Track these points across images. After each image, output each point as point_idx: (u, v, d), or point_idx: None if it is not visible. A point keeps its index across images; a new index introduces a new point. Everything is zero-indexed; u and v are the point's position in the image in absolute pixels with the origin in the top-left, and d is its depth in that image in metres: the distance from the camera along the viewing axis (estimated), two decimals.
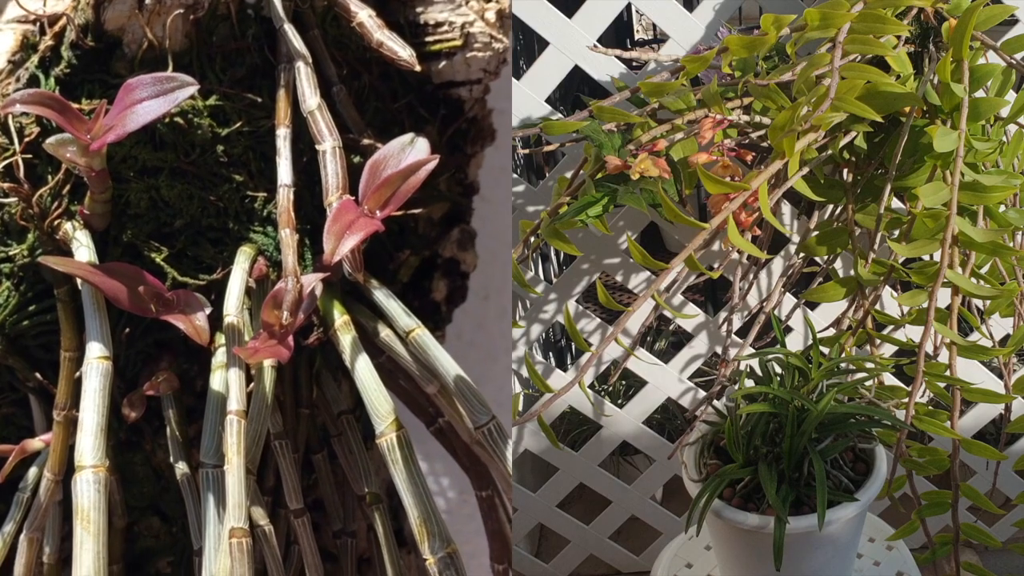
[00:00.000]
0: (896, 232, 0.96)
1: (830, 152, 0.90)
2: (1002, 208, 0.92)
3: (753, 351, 1.08)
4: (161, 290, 0.66)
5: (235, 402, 0.62)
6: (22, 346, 0.71)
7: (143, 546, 0.75)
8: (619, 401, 1.55)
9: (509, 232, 0.91)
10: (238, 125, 0.71)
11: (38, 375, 0.71)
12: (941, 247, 0.86)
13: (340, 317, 0.67)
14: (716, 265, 1.19)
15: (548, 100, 1.15)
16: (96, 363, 0.62)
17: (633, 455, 1.70)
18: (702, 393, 1.33)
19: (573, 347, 1.93)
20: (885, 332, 1.05)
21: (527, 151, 1.07)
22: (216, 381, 0.66)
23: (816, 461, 0.90)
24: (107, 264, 0.66)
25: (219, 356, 0.67)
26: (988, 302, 0.95)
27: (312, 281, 0.66)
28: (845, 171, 0.98)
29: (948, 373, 0.93)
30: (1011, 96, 0.91)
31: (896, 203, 0.98)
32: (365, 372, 0.64)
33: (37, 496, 0.68)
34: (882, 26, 0.82)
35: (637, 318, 1.14)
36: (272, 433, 0.68)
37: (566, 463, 1.43)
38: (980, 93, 0.88)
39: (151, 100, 0.64)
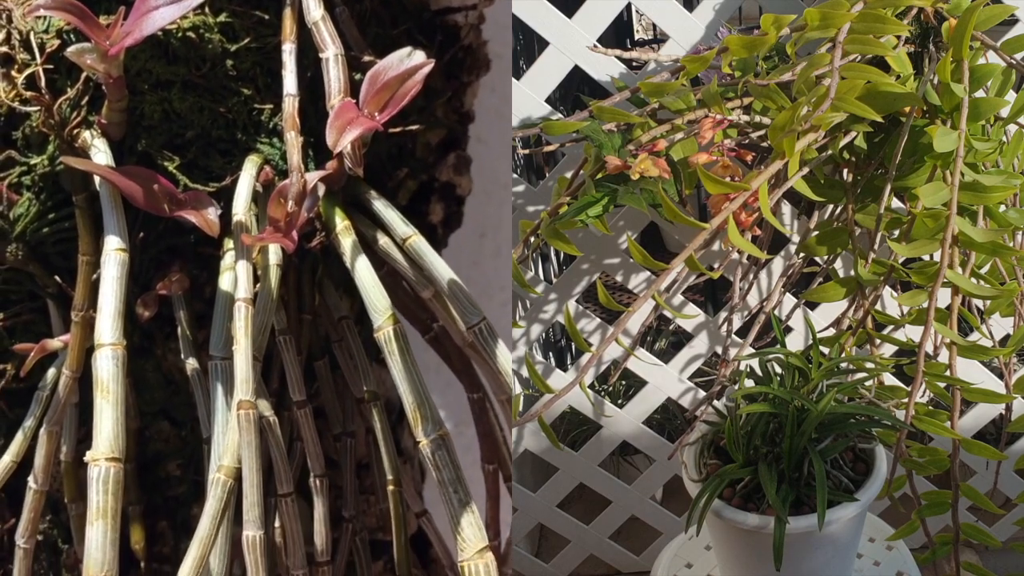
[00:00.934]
0: (896, 232, 0.96)
1: (830, 152, 0.90)
2: (1002, 208, 0.92)
3: (753, 351, 1.08)
4: (174, 191, 0.70)
5: (243, 291, 0.66)
6: (42, 253, 0.75)
7: (154, 449, 0.78)
8: (619, 401, 1.55)
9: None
10: (246, 41, 0.74)
11: (57, 279, 0.75)
12: (941, 247, 0.86)
13: (341, 222, 0.71)
14: (716, 265, 1.19)
15: (548, 100, 1.15)
16: (114, 254, 0.66)
17: (633, 455, 1.70)
18: (702, 393, 1.33)
19: (573, 347, 1.93)
20: (885, 332, 1.05)
21: (527, 151, 1.07)
22: (224, 282, 0.70)
23: (816, 461, 0.90)
24: (123, 167, 0.70)
25: (227, 259, 0.71)
26: (988, 302, 0.95)
27: (314, 178, 0.70)
28: (845, 171, 0.98)
29: (948, 373, 0.93)
30: (1011, 96, 0.90)
31: (896, 203, 0.98)
32: (364, 271, 0.68)
33: (56, 393, 0.73)
34: (882, 26, 0.82)
35: (637, 318, 1.14)
36: (276, 329, 0.72)
37: (566, 463, 1.43)
38: (980, 93, 0.88)
39: (166, 7, 0.68)
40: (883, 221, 0.91)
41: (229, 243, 0.71)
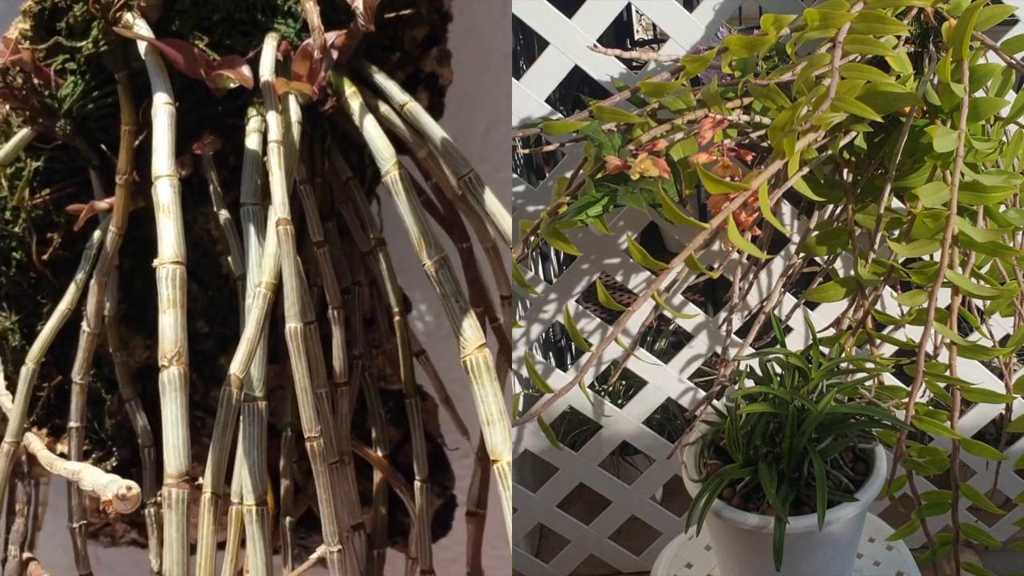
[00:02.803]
0: (896, 232, 0.96)
1: (830, 152, 0.90)
2: (1002, 208, 0.92)
3: (753, 351, 1.08)
4: (208, 58, 0.81)
5: (275, 134, 0.75)
6: (86, 128, 0.84)
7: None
8: (619, 401, 1.55)
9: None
10: None
11: (103, 147, 0.84)
12: (941, 247, 0.86)
13: (349, 88, 0.81)
14: (716, 265, 1.19)
15: (548, 100, 1.15)
16: (163, 107, 0.75)
17: (633, 455, 1.70)
18: (702, 393, 1.33)
19: (573, 347, 1.93)
20: (885, 332, 1.05)
21: (527, 151, 1.07)
22: (251, 142, 0.78)
23: (816, 461, 0.90)
24: (164, 38, 0.81)
25: (252, 124, 0.80)
26: (988, 302, 0.95)
27: (332, 36, 0.79)
28: (845, 171, 0.98)
29: (948, 373, 0.93)
30: (1011, 96, 0.91)
31: (896, 203, 0.98)
32: (371, 127, 0.77)
33: (104, 249, 0.82)
34: (882, 26, 0.82)
35: (637, 318, 1.14)
36: (297, 179, 0.80)
37: (566, 463, 1.43)
38: (980, 93, 0.88)
39: None
40: (883, 221, 0.91)
41: (252, 111, 0.81)
